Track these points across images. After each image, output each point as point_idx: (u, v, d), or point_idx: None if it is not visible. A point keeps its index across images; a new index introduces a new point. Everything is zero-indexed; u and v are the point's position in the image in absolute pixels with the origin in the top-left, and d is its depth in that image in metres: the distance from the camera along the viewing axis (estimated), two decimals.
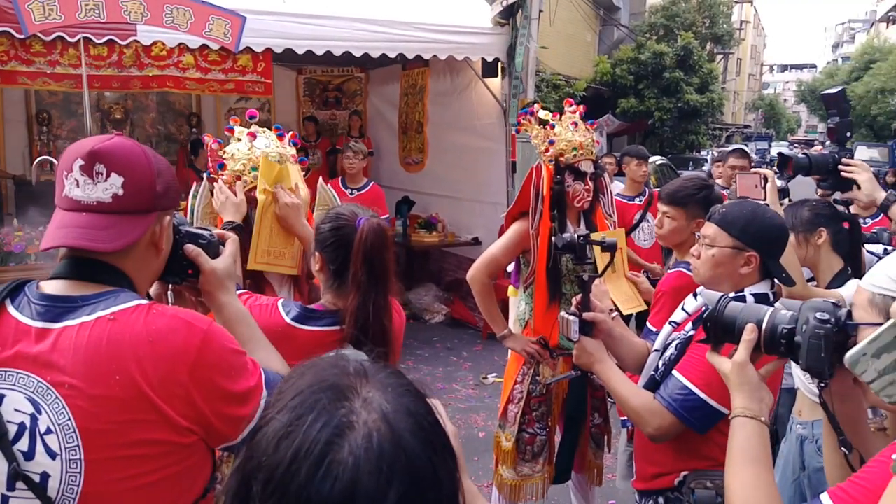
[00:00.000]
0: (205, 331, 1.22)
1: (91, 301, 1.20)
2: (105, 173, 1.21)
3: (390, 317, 1.85)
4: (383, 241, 1.81)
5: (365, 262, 1.77)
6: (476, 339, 6.55)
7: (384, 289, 1.81)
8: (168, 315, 1.21)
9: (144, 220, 1.25)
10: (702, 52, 20.62)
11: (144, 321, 1.18)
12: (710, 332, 1.45)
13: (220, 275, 1.43)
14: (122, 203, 1.22)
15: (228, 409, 1.23)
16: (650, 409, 1.83)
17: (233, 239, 1.52)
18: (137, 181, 1.23)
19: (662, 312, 2.57)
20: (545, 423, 3.02)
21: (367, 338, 1.77)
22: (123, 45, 5.27)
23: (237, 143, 2.22)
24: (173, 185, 1.32)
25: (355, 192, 5.85)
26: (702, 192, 2.73)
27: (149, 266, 1.32)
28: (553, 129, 2.99)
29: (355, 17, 5.76)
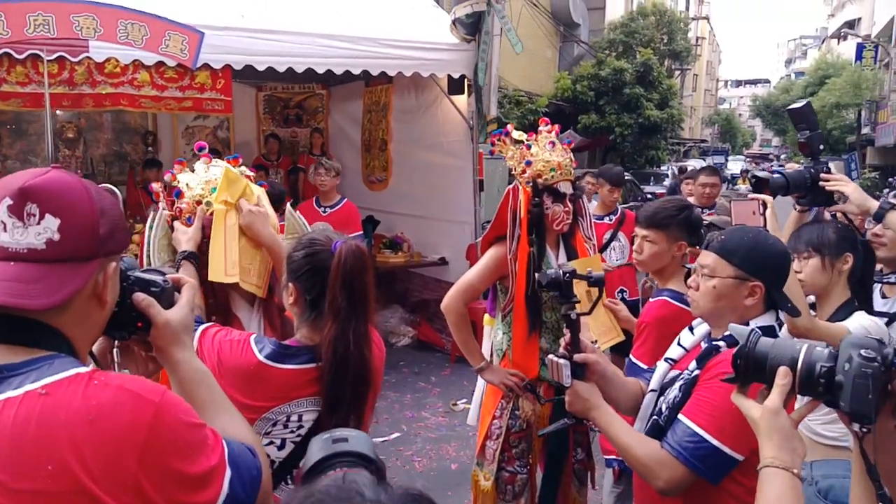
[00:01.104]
0: (156, 404, 1.03)
1: (18, 371, 1.00)
2: (38, 214, 1.02)
3: (370, 346, 1.71)
4: (363, 264, 1.69)
5: (344, 287, 1.64)
6: (444, 363, 6.39)
7: (364, 316, 1.68)
8: (112, 387, 1.02)
9: (85, 268, 1.06)
10: (661, 69, 20.88)
11: (83, 396, 0.99)
12: (739, 371, 1.32)
13: (174, 328, 1.23)
14: (59, 250, 1.03)
15: (186, 496, 1.04)
16: (658, 459, 1.68)
17: (190, 284, 1.32)
18: (76, 223, 1.05)
19: (647, 345, 2.45)
20: (526, 460, 2.87)
21: (347, 371, 1.64)
22: (75, 62, 5.04)
23: (189, 173, 2.11)
24: (120, 226, 1.14)
25: (329, 210, 5.72)
26: (683, 214, 2.62)
27: (91, 322, 1.12)
28: (529, 149, 2.87)
29: (317, 33, 5.60)
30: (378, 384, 1.83)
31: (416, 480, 4.24)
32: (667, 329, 2.29)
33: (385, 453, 4.58)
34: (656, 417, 1.82)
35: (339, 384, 1.65)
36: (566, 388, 1.86)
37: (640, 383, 2.05)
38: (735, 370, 1.33)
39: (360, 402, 1.70)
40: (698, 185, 5.11)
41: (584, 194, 3.03)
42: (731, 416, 1.48)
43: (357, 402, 1.69)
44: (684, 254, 2.61)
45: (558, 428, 2.01)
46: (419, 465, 4.45)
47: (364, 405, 1.72)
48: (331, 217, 5.70)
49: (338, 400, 1.66)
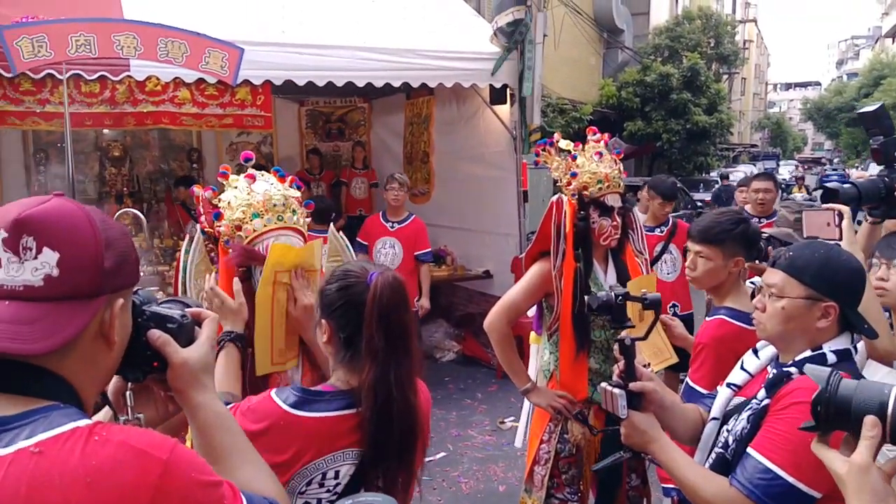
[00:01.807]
0: (164, 462, 0.91)
1: (11, 425, 0.89)
2: (35, 248, 0.92)
3: (416, 391, 1.53)
4: (401, 298, 1.51)
5: (381, 324, 1.46)
6: (490, 379, 6.23)
7: (406, 356, 1.50)
8: (114, 443, 0.90)
9: (88, 306, 0.96)
10: (708, 73, 20.44)
11: (81, 454, 0.87)
12: (819, 418, 1.16)
13: (192, 367, 1.11)
14: (58, 286, 0.93)
15: None
16: (727, 498, 1.52)
17: (211, 319, 1.21)
18: (78, 257, 0.94)
19: (705, 367, 2.28)
20: (576, 487, 2.71)
21: (391, 418, 1.45)
22: (116, 81, 5.07)
23: (233, 189, 1.95)
24: (128, 259, 1.03)
25: (396, 226, 5.70)
26: (739, 228, 2.44)
27: (97, 366, 1.01)
28: (575, 160, 2.73)
29: (357, 46, 5.54)
30: (426, 434, 1.64)
31: (462, 503, 4.10)
32: (726, 350, 2.14)
33: (431, 474, 4.46)
34: (721, 450, 1.66)
35: (383, 433, 1.46)
36: (622, 420, 1.72)
37: (700, 410, 1.89)
38: (815, 417, 1.18)
39: (407, 455, 1.51)
40: (751, 191, 4.85)
41: (634, 207, 2.86)
42: (807, 450, 1.32)
43: (405, 456, 1.51)
44: (742, 269, 2.43)
45: (613, 462, 1.85)
46: (465, 486, 4.31)
47: (412, 459, 1.53)
48: (398, 233, 5.66)
49: (382, 451, 1.47)
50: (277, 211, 1.93)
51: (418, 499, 3.88)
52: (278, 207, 1.93)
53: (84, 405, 0.98)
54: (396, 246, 5.70)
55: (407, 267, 5.70)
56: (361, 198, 8.44)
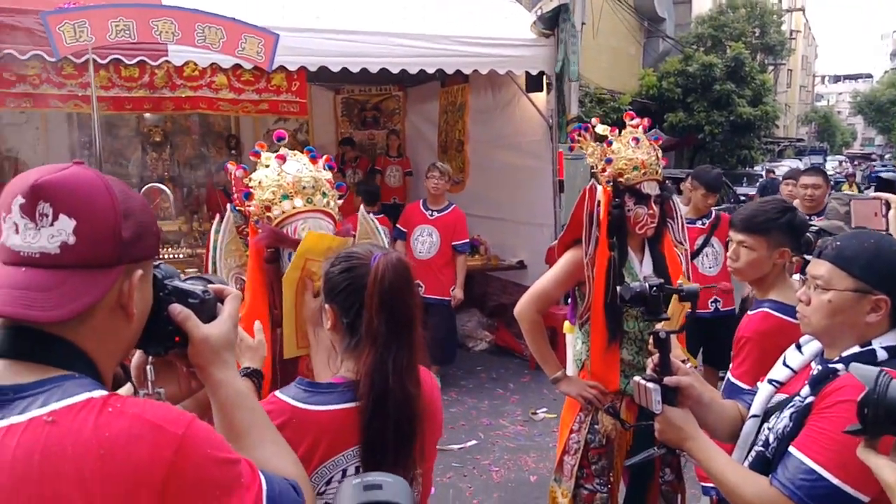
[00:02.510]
0: (179, 437, 0.89)
1: (25, 393, 0.88)
2: (51, 215, 0.90)
3: (417, 381, 1.45)
4: (405, 281, 1.44)
5: (382, 308, 1.40)
6: (523, 370, 6.17)
7: (408, 343, 1.43)
8: (128, 416, 0.88)
9: (105, 276, 0.94)
10: (753, 63, 19.94)
11: (94, 425, 0.86)
12: (867, 421, 1.09)
13: (213, 344, 1.09)
14: (74, 254, 0.91)
15: None
16: (768, 499, 1.46)
17: (234, 296, 1.18)
18: (95, 225, 0.92)
19: (748, 362, 2.20)
20: (606, 478, 2.66)
21: (386, 410, 1.38)
22: (155, 66, 5.12)
23: (264, 168, 1.93)
24: (149, 230, 1.01)
25: (436, 214, 5.70)
26: (785, 217, 2.33)
27: (116, 338, 0.99)
28: (611, 145, 2.66)
29: (392, 32, 5.52)
30: (437, 428, 1.58)
31: (492, 491, 4.07)
32: (770, 344, 2.05)
33: (461, 461, 4.45)
34: (762, 449, 1.59)
35: (378, 426, 1.39)
36: (656, 416, 1.66)
37: (739, 406, 1.82)
38: (861, 420, 1.12)
39: (405, 449, 1.43)
40: (800, 186, 4.65)
41: (673, 195, 2.78)
42: (853, 451, 1.26)
43: (402, 450, 1.42)
44: (788, 262, 2.33)
45: (647, 458, 1.79)
46: (496, 475, 4.28)
47: (409, 453, 1.43)
48: (437, 221, 5.66)
49: (376, 446, 1.40)
50: (307, 193, 1.90)
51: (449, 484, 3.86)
52: (308, 190, 1.90)
53: (101, 376, 0.96)
54: (434, 234, 5.68)
55: (444, 256, 5.68)
56: (396, 186, 8.44)
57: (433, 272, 5.68)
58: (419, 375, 1.47)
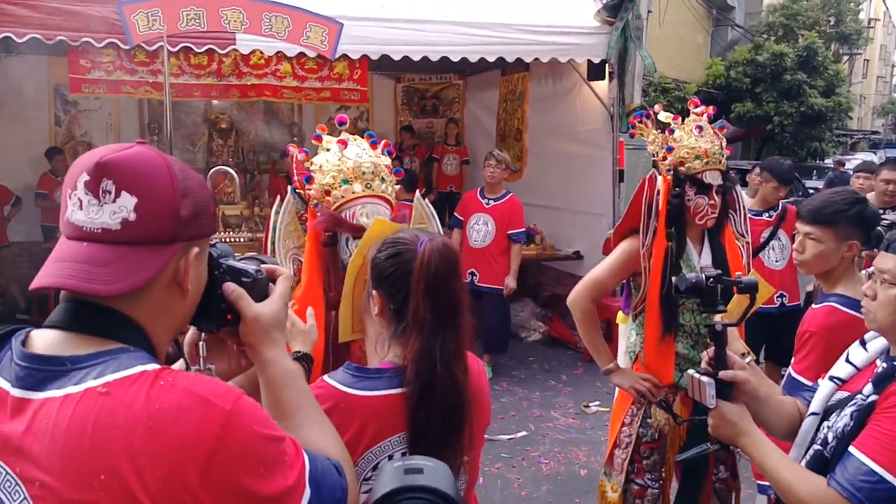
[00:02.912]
0: (227, 412, 0.90)
1: (82, 364, 0.91)
2: (114, 192, 0.93)
3: (464, 368, 1.43)
4: (451, 266, 1.42)
5: (428, 294, 1.38)
6: (576, 362, 6.13)
7: (455, 329, 1.41)
8: (178, 389, 0.90)
9: (163, 252, 0.96)
10: (826, 53, 19.20)
11: (146, 398, 0.88)
12: None
13: (264, 323, 1.11)
14: (134, 231, 0.93)
15: None
16: (825, 500, 1.42)
17: (285, 276, 1.20)
18: (155, 203, 0.95)
19: (811, 357, 2.14)
20: (658, 473, 2.63)
21: (433, 396, 1.37)
22: (222, 54, 5.26)
23: (325, 153, 1.95)
24: (206, 210, 1.03)
25: (492, 203, 5.71)
26: (854, 208, 2.25)
27: (171, 312, 1.02)
28: (672, 133, 2.61)
29: (453, 21, 5.53)
30: (485, 415, 1.56)
31: (541, 484, 4.07)
32: (835, 340, 1.98)
33: (511, 452, 4.45)
34: (820, 448, 1.55)
35: (425, 413, 1.37)
36: (710, 410, 1.63)
37: (798, 403, 1.77)
38: None
39: (452, 436, 1.41)
40: (880, 181, 4.44)
41: (735, 185, 2.71)
42: None
43: (449, 437, 1.41)
44: (857, 255, 2.25)
45: (699, 454, 1.77)
46: (546, 467, 4.27)
47: (456, 440, 1.42)
48: (493, 210, 5.66)
49: (423, 433, 1.39)
50: (366, 178, 1.91)
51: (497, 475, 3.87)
52: (367, 175, 1.91)
53: (155, 351, 0.99)
54: (489, 223, 5.67)
55: (499, 245, 5.67)
56: (453, 174, 8.46)
57: (487, 261, 5.67)
58: (466, 362, 1.45)
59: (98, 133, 7.68)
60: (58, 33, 4.65)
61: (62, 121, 7.70)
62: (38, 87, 7.40)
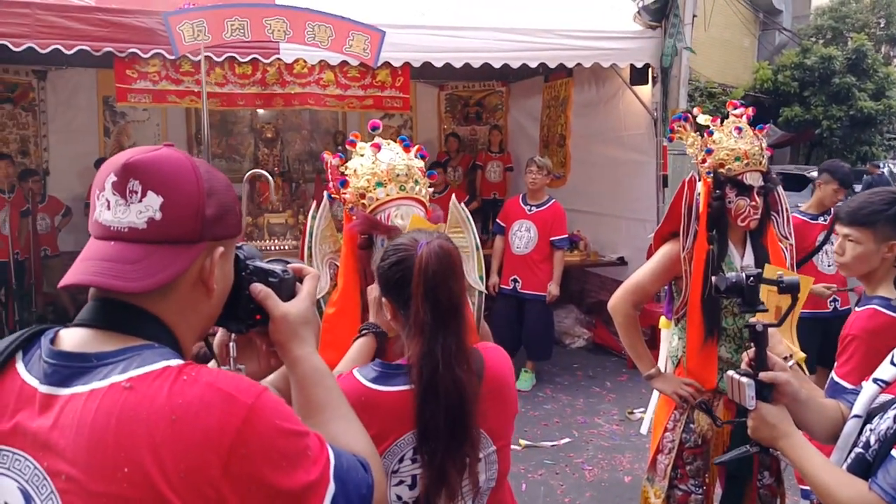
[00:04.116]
0: (249, 406, 0.91)
1: (108, 360, 0.93)
2: (140, 192, 0.96)
3: (468, 366, 1.47)
4: (449, 268, 1.46)
5: (427, 297, 1.43)
6: (621, 369, 6.06)
7: (455, 329, 1.46)
8: (202, 384, 0.91)
9: (188, 251, 0.99)
10: (877, 56, 18.67)
11: (169, 392, 0.89)
12: None
13: (292, 321, 1.12)
14: (160, 230, 0.96)
15: None
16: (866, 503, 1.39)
17: (312, 275, 1.22)
18: (180, 202, 0.97)
19: (854, 361, 2.10)
20: (701, 479, 2.59)
21: (437, 396, 1.42)
22: (266, 64, 5.35)
23: (359, 157, 2.00)
24: (231, 210, 1.05)
25: (535, 209, 5.69)
26: (893, 208, 2.19)
27: (197, 312, 1.04)
28: (712, 135, 2.58)
29: (495, 27, 5.55)
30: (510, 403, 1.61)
31: (584, 490, 4.03)
32: (879, 343, 1.94)
33: (554, 458, 4.42)
34: (862, 451, 1.51)
35: (430, 411, 1.42)
36: (749, 412, 1.61)
37: (842, 406, 1.73)
38: None
39: (459, 431, 1.45)
40: None
41: (778, 186, 2.67)
42: None
43: (458, 434, 1.45)
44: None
45: (738, 456, 1.74)
46: (589, 474, 4.23)
47: (466, 437, 1.46)
48: (535, 216, 5.65)
49: (429, 431, 1.43)
50: (400, 181, 1.95)
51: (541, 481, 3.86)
52: (401, 177, 1.95)
53: (181, 349, 1.01)
54: (532, 229, 5.65)
55: (541, 251, 5.64)
56: (496, 181, 8.45)
57: (530, 267, 5.65)
58: (469, 360, 1.48)
59: (146, 143, 7.67)
60: (105, 45, 4.78)
61: (111, 132, 7.92)
62: (87, 99, 7.66)
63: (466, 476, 1.48)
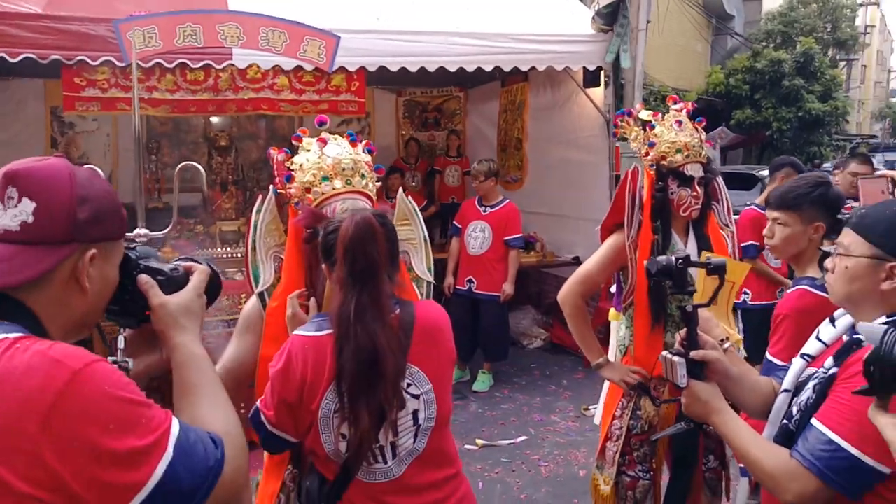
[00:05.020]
0: (75, 371, 0.97)
1: None
2: (16, 198, 1.07)
3: (382, 320, 1.63)
4: (367, 235, 1.63)
5: (346, 257, 1.62)
6: (577, 367, 6.13)
7: (371, 289, 1.63)
8: (31, 351, 0.98)
9: (57, 251, 1.09)
10: (824, 59, 19.26)
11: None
12: (874, 380, 1.09)
13: (171, 310, 1.24)
14: (31, 232, 1.07)
15: (103, 472, 0.96)
16: (787, 471, 1.44)
17: (200, 270, 1.33)
18: (52, 207, 1.08)
19: (785, 339, 2.18)
20: (648, 465, 2.65)
21: (349, 341, 1.59)
22: (219, 69, 5.32)
23: (305, 152, 2.01)
24: (107, 214, 1.15)
25: (489, 210, 5.77)
26: (817, 191, 2.32)
27: (69, 306, 1.13)
28: (653, 129, 2.66)
29: (450, 32, 5.59)
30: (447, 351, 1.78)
31: (540, 486, 4.08)
32: (807, 321, 2.00)
33: (511, 456, 4.46)
34: (786, 422, 1.58)
35: (344, 355, 1.60)
36: (681, 390, 1.67)
37: (774, 383, 1.80)
38: (868, 379, 1.11)
39: (373, 380, 1.61)
40: (847, 173, 4.44)
41: (717, 176, 2.76)
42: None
43: (371, 381, 1.60)
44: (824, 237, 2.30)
45: (673, 433, 1.80)
46: (545, 470, 4.28)
47: (380, 380, 1.61)
48: (489, 216, 5.71)
49: (344, 373, 1.60)
50: (347, 175, 1.96)
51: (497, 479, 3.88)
52: (347, 171, 1.96)
53: (48, 336, 1.08)
54: (486, 230, 5.71)
55: (496, 252, 5.70)
56: (455, 186, 8.50)
57: (485, 267, 5.70)
58: (384, 313, 1.65)
59: (96, 154, 7.68)
60: (52, 52, 4.69)
61: (59, 143, 7.73)
62: (35, 111, 7.47)
63: (397, 416, 1.65)
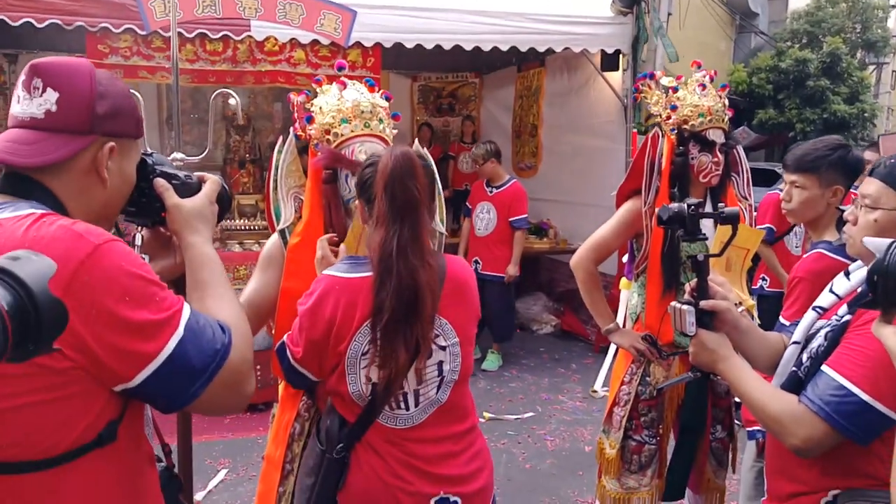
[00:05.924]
0: (96, 245, 1.05)
1: None
2: (41, 88, 1.15)
3: (421, 255, 1.61)
4: (407, 169, 1.61)
5: (385, 192, 1.60)
6: (587, 352, 6.09)
7: (412, 224, 1.61)
8: (57, 226, 1.06)
9: (77, 140, 1.16)
10: (851, 60, 18.96)
11: (27, 229, 1.05)
12: (878, 292, 1.05)
13: (185, 212, 1.33)
14: (54, 120, 1.15)
15: (119, 338, 1.04)
16: (794, 415, 1.41)
17: (213, 180, 1.41)
18: (73, 98, 1.16)
19: (799, 302, 2.13)
20: (655, 430, 2.61)
21: (391, 277, 1.57)
22: (237, 41, 5.32)
23: (325, 95, 2.02)
24: (124, 112, 1.22)
25: (495, 190, 5.79)
26: (836, 154, 2.26)
27: (88, 194, 1.20)
28: (676, 92, 2.61)
29: (467, 10, 5.55)
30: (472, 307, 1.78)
31: (545, 458, 4.04)
32: (822, 284, 1.96)
33: (517, 430, 4.45)
34: (795, 369, 1.54)
35: (385, 290, 1.58)
36: (690, 339, 1.64)
37: (783, 338, 1.76)
38: (872, 290, 1.06)
39: (412, 318, 1.60)
40: None
41: (738, 145, 2.70)
42: (887, 367, 1.21)
43: (409, 319, 1.60)
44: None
45: (679, 382, 1.77)
46: (551, 444, 4.27)
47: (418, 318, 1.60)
48: (494, 197, 5.73)
49: (382, 309, 1.58)
50: (365, 118, 1.98)
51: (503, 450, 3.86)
52: (366, 115, 1.98)
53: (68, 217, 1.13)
54: (492, 211, 5.71)
55: (501, 232, 5.68)
56: (468, 172, 8.44)
57: (489, 248, 5.70)
58: (424, 251, 1.63)
59: None
60: (76, 19, 4.76)
61: None
62: None
63: (424, 363, 1.64)
